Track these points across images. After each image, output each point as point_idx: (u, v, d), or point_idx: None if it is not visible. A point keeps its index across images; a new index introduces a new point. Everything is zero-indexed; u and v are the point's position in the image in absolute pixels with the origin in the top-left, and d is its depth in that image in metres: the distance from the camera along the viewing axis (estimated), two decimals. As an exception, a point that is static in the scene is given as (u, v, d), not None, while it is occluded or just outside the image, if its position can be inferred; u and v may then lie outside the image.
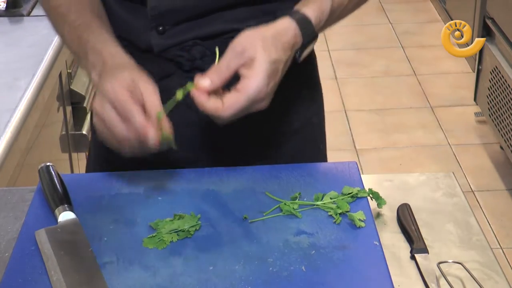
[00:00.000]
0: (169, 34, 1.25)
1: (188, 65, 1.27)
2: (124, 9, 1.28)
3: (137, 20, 1.27)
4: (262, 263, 1.04)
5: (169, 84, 1.27)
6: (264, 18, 1.25)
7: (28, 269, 1.04)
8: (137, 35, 1.27)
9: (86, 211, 1.15)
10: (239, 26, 1.24)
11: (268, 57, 1.11)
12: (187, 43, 1.25)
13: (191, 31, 1.25)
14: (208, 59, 1.25)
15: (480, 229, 1.17)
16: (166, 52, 1.26)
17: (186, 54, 1.26)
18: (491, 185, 3.17)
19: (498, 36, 3.13)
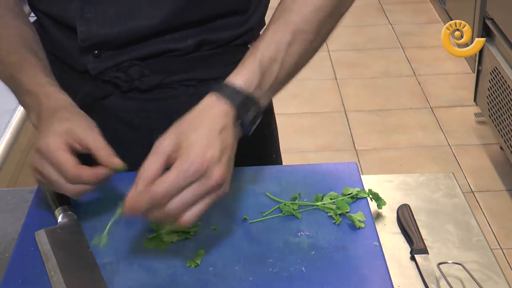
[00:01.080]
0: (105, 57, 1.23)
1: (126, 86, 1.24)
2: (59, 32, 1.26)
3: (72, 43, 1.23)
4: (262, 264, 1.04)
5: (109, 104, 1.26)
6: (204, 36, 1.23)
7: (28, 269, 1.04)
8: (73, 58, 1.25)
9: (86, 212, 1.15)
10: (177, 46, 1.22)
11: (195, 132, 1.01)
12: (124, 64, 1.23)
13: (127, 53, 1.22)
14: (147, 79, 1.24)
15: (480, 230, 1.17)
16: (103, 74, 1.24)
17: (122, 75, 1.24)
18: (491, 186, 3.17)
19: (498, 37, 3.13)
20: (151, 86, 1.25)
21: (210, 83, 1.24)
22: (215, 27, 1.23)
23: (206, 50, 1.24)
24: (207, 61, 1.25)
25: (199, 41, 1.23)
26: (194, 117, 1.03)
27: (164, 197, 0.97)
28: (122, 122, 1.27)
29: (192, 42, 1.22)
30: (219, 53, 1.26)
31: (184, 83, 1.26)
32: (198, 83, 1.26)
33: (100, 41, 1.21)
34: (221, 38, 1.24)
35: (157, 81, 1.24)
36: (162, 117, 1.21)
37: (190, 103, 1.11)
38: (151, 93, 1.25)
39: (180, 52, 1.23)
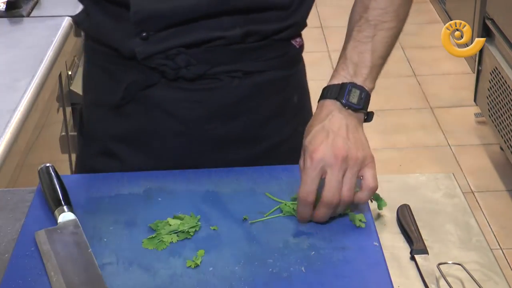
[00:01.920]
0: (153, 40, 1.23)
1: (173, 74, 1.25)
2: (107, 15, 1.26)
3: (120, 26, 1.24)
4: (262, 264, 1.04)
5: (155, 94, 1.26)
6: (251, 26, 1.24)
7: (28, 270, 1.04)
8: (120, 42, 1.25)
9: (86, 212, 1.15)
10: (225, 34, 1.23)
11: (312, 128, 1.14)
12: (171, 51, 1.23)
13: (175, 38, 1.23)
14: (193, 68, 1.24)
15: (480, 230, 1.17)
16: (150, 60, 1.24)
17: (170, 63, 1.24)
18: (491, 186, 3.17)
19: (498, 37, 3.13)
20: (197, 75, 1.25)
21: (254, 75, 1.27)
22: (260, 19, 1.24)
23: (251, 42, 1.25)
24: (252, 53, 1.27)
25: (246, 31, 1.24)
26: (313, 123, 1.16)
27: (334, 198, 1.09)
28: (165, 112, 1.27)
29: (239, 31, 1.23)
30: (263, 46, 1.27)
31: (230, 74, 1.27)
32: (243, 75, 1.27)
33: (150, 15, 1.21)
34: (266, 30, 1.26)
35: (203, 71, 1.25)
36: (206, 108, 1.26)
37: (234, 94, 1.21)
38: (196, 83, 1.26)
39: (227, 41, 1.24)
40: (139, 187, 1.21)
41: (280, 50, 1.29)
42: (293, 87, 1.35)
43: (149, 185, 1.21)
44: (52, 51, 1.85)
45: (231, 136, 1.28)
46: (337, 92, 1.18)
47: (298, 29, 1.31)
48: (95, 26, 1.28)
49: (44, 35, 1.92)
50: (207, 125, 1.27)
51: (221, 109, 1.26)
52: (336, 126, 1.14)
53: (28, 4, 2.09)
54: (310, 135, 1.13)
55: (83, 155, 1.40)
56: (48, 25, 1.98)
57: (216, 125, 1.26)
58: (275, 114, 1.32)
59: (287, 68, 1.32)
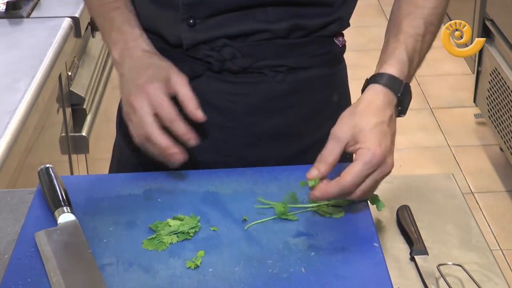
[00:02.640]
0: (200, 28, 1.24)
1: (218, 65, 1.27)
2: (154, 2, 1.28)
3: (167, 12, 1.26)
4: (261, 265, 1.04)
5: (199, 86, 1.27)
6: (296, 20, 1.26)
7: (27, 270, 1.04)
8: (166, 29, 1.27)
9: (86, 213, 1.15)
10: (270, 26, 1.25)
11: (368, 124, 1.12)
12: (217, 43, 1.25)
13: (221, 27, 1.24)
14: (239, 61, 1.26)
15: (480, 231, 1.17)
16: (196, 51, 1.26)
17: (216, 54, 1.26)
18: (491, 187, 3.17)
19: (498, 38, 3.14)
20: (242, 68, 1.27)
21: (297, 72, 1.29)
22: (305, 13, 1.26)
23: (296, 37, 1.27)
24: (296, 49, 1.28)
25: (291, 25, 1.25)
26: (364, 108, 1.15)
27: (352, 186, 1.09)
28: (208, 104, 1.27)
29: (285, 25, 1.25)
30: (307, 43, 1.28)
31: (274, 69, 1.28)
32: (287, 70, 1.29)
33: (200, 1, 1.23)
34: (311, 25, 1.27)
35: (248, 64, 1.26)
36: (249, 102, 1.28)
37: (277, 89, 1.25)
38: (240, 76, 1.27)
39: (272, 34, 1.25)
40: (139, 188, 1.21)
41: (323, 47, 1.30)
42: (334, 86, 1.37)
43: (149, 186, 1.21)
44: (52, 52, 1.85)
45: (271, 132, 1.29)
46: (398, 89, 1.18)
47: (342, 26, 1.33)
48: (142, 14, 1.30)
49: (44, 36, 1.92)
50: (248, 118, 1.28)
51: (264, 103, 1.28)
52: (394, 128, 1.18)
53: (28, 5, 2.09)
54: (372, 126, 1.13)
55: (121, 147, 1.41)
56: (48, 26, 1.98)
57: (258, 119, 1.27)
58: (316, 112, 1.33)
59: (330, 66, 1.34)
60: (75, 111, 2.09)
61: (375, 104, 1.15)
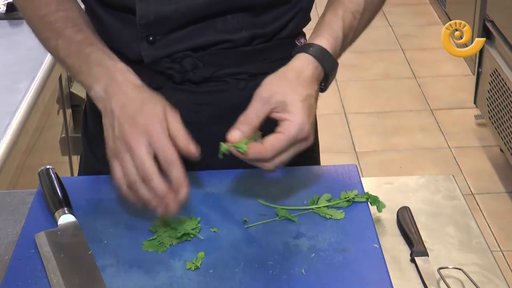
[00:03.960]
0: (160, 44, 1.23)
1: (179, 77, 1.26)
2: (113, 19, 1.26)
3: (126, 30, 1.25)
4: (262, 266, 1.04)
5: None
6: (256, 29, 1.25)
7: (28, 272, 1.04)
8: (127, 46, 1.25)
9: (86, 214, 1.15)
10: (231, 36, 1.24)
11: (299, 96, 1.11)
12: (178, 55, 1.24)
13: (182, 41, 1.23)
14: (200, 71, 1.25)
15: (480, 232, 1.17)
16: (157, 64, 1.25)
17: (177, 66, 1.25)
18: (491, 188, 3.17)
19: (498, 39, 3.14)
20: (203, 78, 1.26)
21: (259, 78, 1.25)
22: (265, 19, 1.25)
23: (257, 44, 1.26)
24: (258, 55, 1.28)
25: (252, 34, 1.25)
26: (294, 77, 1.13)
27: (273, 156, 1.09)
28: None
29: (246, 34, 1.24)
30: (269, 47, 1.28)
31: (236, 77, 1.27)
32: (249, 77, 1.28)
33: (157, 19, 1.22)
34: (271, 31, 1.27)
35: (210, 73, 1.26)
36: (213, 110, 1.27)
37: (240, 97, 1.21)
38: (203, 85, 1.27)
39: (234, 44, 1.25)
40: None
41: (285, 51, 1.29)
42: None
43: (149, 187, 1.21)
44: (52, 53, 1.84)
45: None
46: (328, 64, 1.18)
47: (302, 21, 1.31)
48: (101, 30, 1.28)
49: (44, 37, 1.92)
50: (213, 127, 1.27)
51: (227, 111, 1.26)
52: (315, 101, 1.15)
53: (28, 6, 2.09)
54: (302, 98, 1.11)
55: (88, 158, 1.40)
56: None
57: (222, 128, 1.26)
58: None
59: None
60: (75, 112, 2.09)
61: (305, 74, 1.14)
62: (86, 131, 1.40)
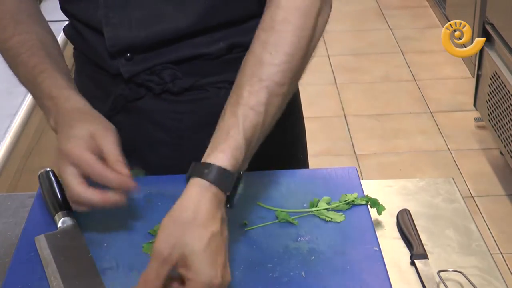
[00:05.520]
0: (137, 60, 1.23)
1: (159, 88, 1.25)
2: (91, 36, 1.26)
3: (104, 47, 1.24)
4: (262, 269, 1.04)
5: (142, 105, 1.27)
6: (234, 39, 1.24)
7: (28, 274, 1.04)
8: (105, 61, 1.25)
9: (86, 217, 1.15)
10: (209, 50, 1.23)
11: (200, 242, 0.96)
12: (157, 67, 1.24)
13: (159, 57, 1.23)
14: (180, 82, 1.25)
15: (480, 235, 1.17)
16: (136, 77, 1.25)
17: (155, 78, 1.24)
18: (491, 191, 3.16)
19: (498, 42, 3.14)
20: (183, 89, 1.26)
21: None
22: (243, 30, 1.23)
23: (237, 52, 1.25)
24: (237, 63, 1.23)
25: (230, 44, 1.24)
26: (191, 217, 0.98)
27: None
28: (153, 123, 1.28)
29: (224, 45, 1.23)
30: None
31: (216, 85, 1.27)
32: (229, 85, 1.25)
33: (128, 45, 1.22)
34: (250, 39, 1.22)
35: (190, 83, 1.25)
36: (194, 119, 1.26)
37: (221, 105, 1.13)
38: (183, 95, 1.26)
39: (213, 56, 1.24)
40: (140, 192, 1.21)
41: None
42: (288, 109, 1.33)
43: (149, 190, 1.21)
44: (52, 56, 1.84)
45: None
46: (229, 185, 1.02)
47: None
48: (83, 42, 1.28)
49: (44, 40, 1.92)
50: (194, 135, 1.27)
51: (209, 119, 1.18)
52: (225, 233, 1.02)
53: (28, 9, 2.09)
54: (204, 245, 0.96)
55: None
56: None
57: (204, 135, 1.25)
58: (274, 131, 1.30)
59: None
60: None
61: (203, 209, 0.98)
62: None
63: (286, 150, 1.37)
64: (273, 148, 1.18)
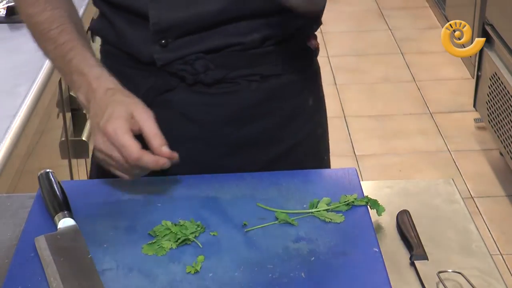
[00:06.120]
0: (172, 47, 1.24)
1: (191, 79, 1.26)
2: (125, 23, 1.27)
3: (138, 33, 1.26)
4: (261, 270, 1.04)
5: (173, 98, 1.27)
6: (268, 31, 1.25)
7: (27, 275, 1.04)
8: (139, 49, 1.27)
9: (86, 218, 1.15)
10: (243, 39, 1.25)
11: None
12: (190, 57, 1.25)
13: (194, 44, 1.24)
14: (212, 73, 1.26)
15: (480, 236, 1.17)
16: (169, 66, 1.26)
17: (189, 68, 1.26)
18: (491, 191, 3.17)
19: (498, 43, 3.14)
20: (215, 80, 1.27)
21: (271, 79, 1.29)
22: (277, 22, 1.25)
23: (268, 45, 1.27)
24: (269, 57, 1.28)
25: (264, 36, 1.25)
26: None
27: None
28: (183, 116, 1.29)
29: (257, 36, 1.25)
30: (280, 49, 1.28)
31: (248, 78, 1.28)
32: (261, 78, 1.29)
33: (169, 25, 1.23)
34: (282, 33, 1.27)
35: (222, 75, 1.27)
36: (223, 112, 1.28)
37: (252, 98, 1.24)
38: (215, 87, 1.27)
39: (245, 46, 1.25)
40: (139, 193, 1.21)
41: (296, 53, 1.30)
42: (309, 90, 1.37)
43: (149, 191, 1.21)
44: (52, 56, 1.84)
45: (248, 140, 1.29)
46: None
47: (313, 25, 1.32)
48: (114, 33, 1.29)
49: (44, 40, 1.92)
50: (224, 128, 1.28)
51: (239, 112, 1.28)
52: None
53: (28, 9, 2.09)
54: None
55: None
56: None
57: (234, 129, 1.27)
58: (292, 117, 1.33)
59: (303, 71, 1.34)
60: (75, 116, 2.09)
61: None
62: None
63: (311, 149, 1.39)
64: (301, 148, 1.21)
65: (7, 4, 2.10)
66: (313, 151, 1.38)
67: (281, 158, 1.33)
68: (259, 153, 1.32)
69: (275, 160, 1.32)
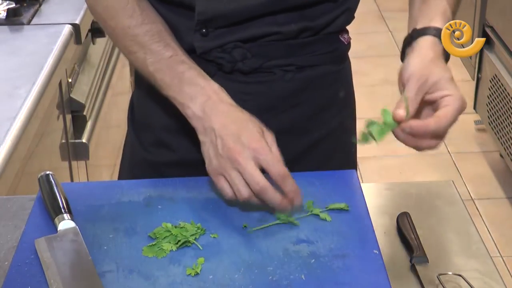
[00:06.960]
0: (212, 36, 1.27)
1: (229, 66, 1.29)
2: (167, 11, 1.30)
3: (180, 22, 1.29)
4: (262, 272, 1.04)
5: None
6: (305, 22, 1.29)
7: (27, 277, 1.04)
8: (179, 36, 1.29)
9: (86, 220, 1.15)
10: (280, 29, 1.28)
11: (448, 73, 1.17)
12: (228, 45, 1.28)
13: (233, 34, 1.27)
14: (249, 61, 1.29)
15: (480, 238, 1.17)
16: (208, 54, 1.29)
17: (227, 56, 1.29)
18: (491, 193, 3.17)
19: (498, 45, 3.14)
20: (252, 69, 1.30)
21: (306, 70, 1.32)
22: (313, 14, 1.29)
23: (305, 37, 1.30)
24: (305, 48, 1.32)
25: (301, 27, 1.29)
26: (435, 58, 1.21)
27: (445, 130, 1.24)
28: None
29: (295, 27, 1.28)
30: (315, 41, 1.32)
31: (283, 68, 1.31)
32: (296, 69, 1.32)
33: (214, 16, 1.26)
34: (319, 25, 1.30)
35: (258, 64, 1.30)
36: (259, 101, 1.31)
37: (286, 88, 1.29)
38: (251, 76, 1.31)
39: (282, 36, 1.29)
40: (139, 195, 1.21)
41: (330, 45, 1.34)
42: (341, 82, 1.41)
43: (149, 193, 1.21)
44: (53, 58, 1.85)
45: (281, 129, 1.30)
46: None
47: (348, 18, 1.36)
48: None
49: (45, 42, 1.92)
50: (259, 117, 1.28)
51: (273, 101, 1.32)
52: None
53: (29, 11, 2.10)
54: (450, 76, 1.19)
55: (134, 146, 1.42)
56: (48, 32, 1.98)
57: (268, 117, 1.28)
58: (323, 108, 1.37)
59: (336, 63, 1.38)
60: (75, 118, 2.09)
61: (437, 54, 1.20)
62: (133, 120, 1.43)
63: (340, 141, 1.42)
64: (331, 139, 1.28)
65: (7, 6, 2.10)
66: (342, 143, 1.40)
67: (312, 147, 1.37)
68: (291, 142, 1.34)
69: (306, 149, 1.36)
